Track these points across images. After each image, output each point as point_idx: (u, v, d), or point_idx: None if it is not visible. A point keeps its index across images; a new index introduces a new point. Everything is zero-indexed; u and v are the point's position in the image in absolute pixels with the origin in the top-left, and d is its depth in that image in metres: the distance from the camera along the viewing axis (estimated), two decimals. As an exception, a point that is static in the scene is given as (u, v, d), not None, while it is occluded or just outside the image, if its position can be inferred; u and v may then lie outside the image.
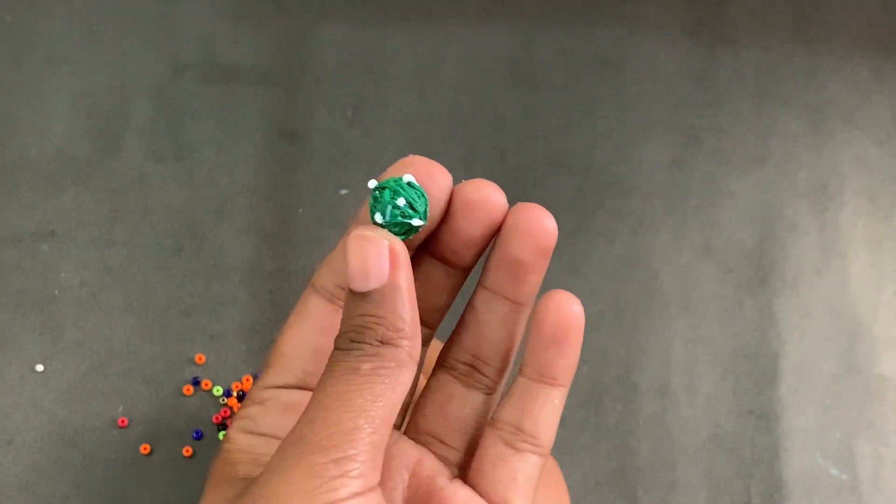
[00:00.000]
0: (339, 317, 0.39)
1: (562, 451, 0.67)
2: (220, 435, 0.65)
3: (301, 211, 0.71)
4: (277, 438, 0.39)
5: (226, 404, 0.66)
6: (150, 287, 0.69)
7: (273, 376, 0.40)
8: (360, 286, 0.35)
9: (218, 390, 0.66)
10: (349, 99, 0.74)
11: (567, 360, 0.41)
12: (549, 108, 0.74)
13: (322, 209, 0.71)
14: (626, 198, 0.73)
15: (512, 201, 0.40)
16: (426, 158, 0.39)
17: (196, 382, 0.67)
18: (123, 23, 0.74)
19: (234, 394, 0.66)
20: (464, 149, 0.73)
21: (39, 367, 0.67)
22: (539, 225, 0.39)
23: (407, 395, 0.37)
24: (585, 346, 0.41)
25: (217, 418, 0.66)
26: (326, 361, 0.38)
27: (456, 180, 0.40)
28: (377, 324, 0.35)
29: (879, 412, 0.69)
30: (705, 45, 0.76)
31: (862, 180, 0.74)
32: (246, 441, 0.39)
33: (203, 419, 0.66)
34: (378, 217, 0.37)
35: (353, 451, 0.34)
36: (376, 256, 0.35)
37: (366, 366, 0.35)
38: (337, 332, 0.37)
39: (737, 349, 0.70)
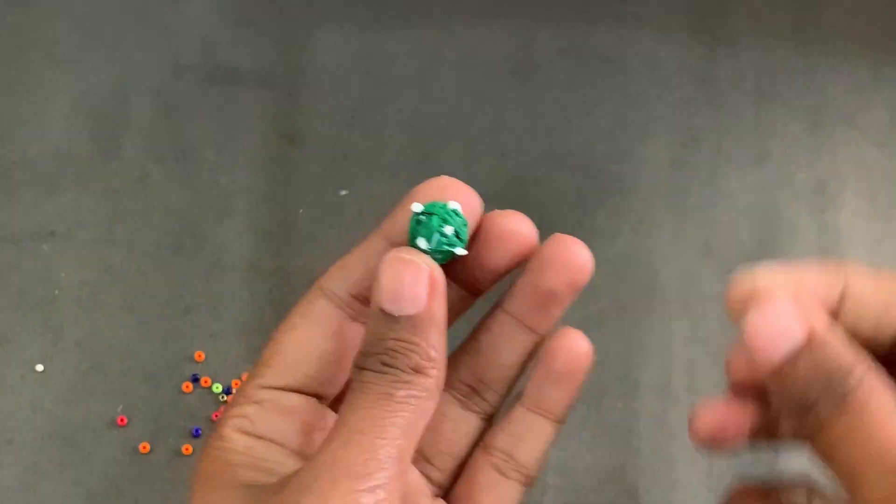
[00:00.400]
0: (348, 324, 0.39)
1: (563, 448, 0.67)
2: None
3: (301, 211, 0.71)
4: (276, 443, 0.39)
5: (225, 401, 0.66)
6: (149, 286, 0.69)
7: (272, 377, 0.40)
8: (392, 308, 0.35)
9: (217, 387, 0.66)
10: (349, 100, 0.74)
11: (570, 398, 0.41)
12: (549, 107, 0.74)
13: (322, 209, 0.71)
14: (626, 197, 0.73)
15: (513, 200, 0.40)
16: (461, 183, 0.39)
17: (196, 380, 0.67)
18: (123, 23, 0.74)
19: (234, 391, 0.66)
20: (464, 148, 0.73)
21: (39, 367, 0.67)
22: (576, 259, 0.39)
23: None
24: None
25: (217, 416, 0.66)
26: (331, 369, 0.38)
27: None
28: (412, 351, 0.35)
29: (879, 413, 0.69)
30: (705, 44, 0.76)
31: (861, 182, 0.74)
32: (243, 442, 0.38)
33: (202, 416, 0.66)
34: (422, 242, 0.36)
35: (385, 481, 0.34)
36: (415, 282, 0.35)
37: (400, 392, 0.35)
38: (345, 340, 0.37)
39: (736, 349, 0.70)
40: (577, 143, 0.74)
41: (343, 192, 0.72)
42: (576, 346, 0.40)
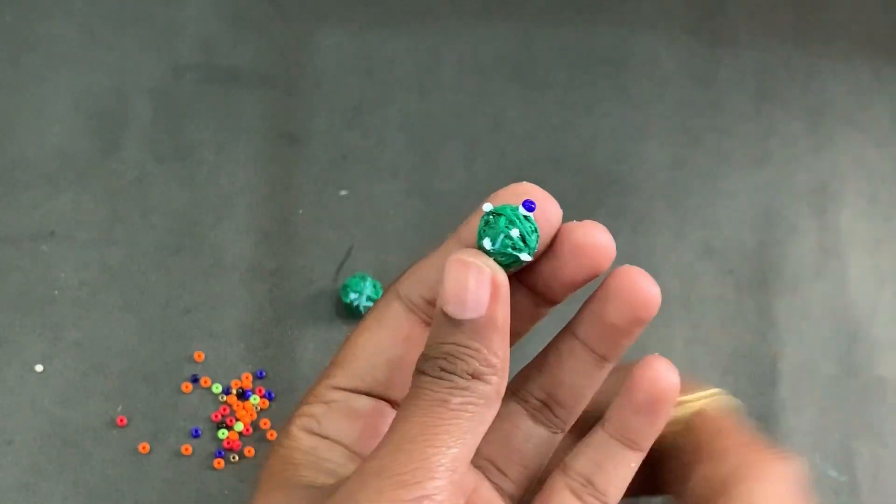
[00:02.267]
0: (420, 329, 0.38)
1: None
2: (220, 433, 0.65)
3: (301, 211, 0.71)
4: (341, 445, 0.38)
5: (225, 402, 0.66)
6: (149, 286, 0.69)
7: (342, 378, 0.39)
8: (454, 312, 0.34)
9: (217, 388, 0.66)
10: (349, 100, 0.74)
11: (654, 429, 0.40)
12: (549, 107, 0.74)
13: (322, 210, 0.71)
14: (626, 197, 0.73)
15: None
16: (541, 189, 0.38)
17: (195, 380, 0.67)
18: (123, 23, 0.74)
19: (234, 391, 0.66)
20: (464, 148, 0.73)
21: (39, 367, 0.67)
22: (642, 295, 0.38)
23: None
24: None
25: (216, 416, 0.66)
26: (401, 373, 0.38)
27: (457, 181, 0.39)
28: (470, 356, 0.34)
29: (878, 414, 0.69)
30: (706, 45, 0.76)
31: (861, 182, 0.74)
32: (308, 442, 0.38)
33: (202, 417, 0.66)
34: (486, 243, 0.35)
35: (434, 492, 0.33)
36: (477, 285, 0.34)
37: (455, 400, 0.34)
38: (417, 345, 0.37)
39: (736, 350, 0.70)
40: (578, 143, 0.74)
41: (343, 192, 0.72)
42: (661, 378, 0.39)
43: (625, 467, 0.40)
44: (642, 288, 0.38)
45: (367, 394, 0.39)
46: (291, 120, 0.73)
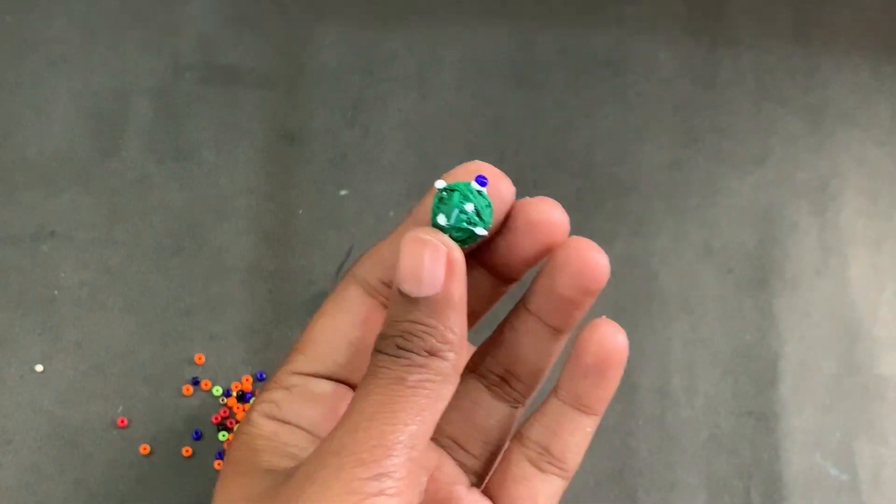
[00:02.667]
0: (379, 312, 0.39)
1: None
2: (221, 435, 0.65)
3: (301, 212, 0.71)
4: (302, 429, 0.38)
5: (225, 404, 0.66)
6: (149, 287, 0.69)
7: (302, 363, 0.39)
8: (411, 290, 0.34)
9: (217, 390, 0.66)
10: (349, 100, 0.74)
11: (605, 391, 0.40)
12: (549, 109, 0.74)
13: (322, 210, 0.71)
14: (625, 198, 0.73)
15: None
16: (493, 167, 0.38)
17: (196, 382, 0.67)
18: (123, 23, 0.74)
19: (234, 394, 0.66)
20: (464, 149, 0.73)
21: (39, 368, 0.67)
22: (589, 266, 0.38)
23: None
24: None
25: (216, 418, 0.66)
26: (361, 356, 0.38)
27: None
28: (427, 333, 0.34)
29: (879, 412, 0.69)
30: (705, 45, 0.76)
31: (862, 180, 0.74)
32: (269, 427, 0.38)
33: (202, 419, 0.66)
34: (441, 219, 0.36)
35: (393, 469, 0.33)
36: (432, 262, 0.34)
37: (412, 377, 0.34)
38: (375, 327, 0.37)
39: (736, 349, 0.70)
40: (577, 144, 0.74)
41: (343, 192, 0.72)
42: (607, 338, 0.39)
43: (580, 432, 0.40)
44: (590, 259, 0.38)
45: (328, 378, 0.39)
46: (291, 120, 0.73)
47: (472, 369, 0.41)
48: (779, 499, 0.67)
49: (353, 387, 0.40)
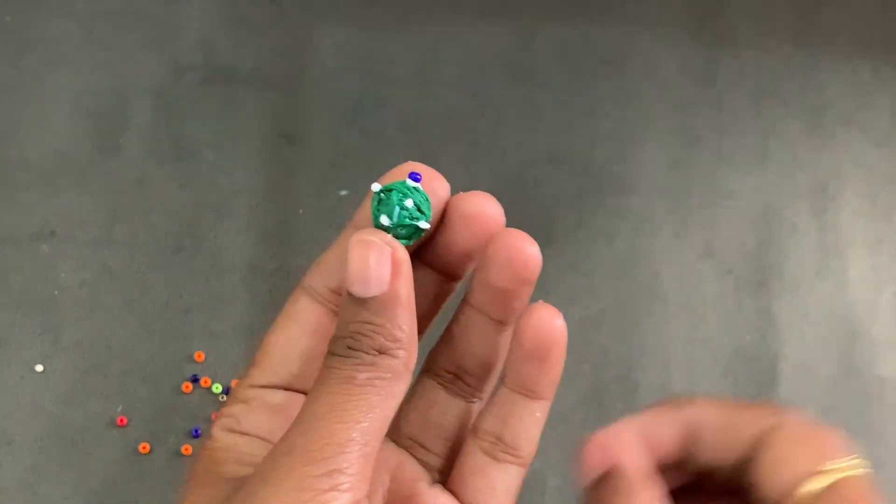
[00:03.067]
0: (329, 320, 0.39)
1: (562, 449, 0.67)
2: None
3: (301, 211, 0.71)
4: (261, 439, 0.39)
5: (225, 402, 0.66)
6: (149, 286, 0.69)
7: (258, 376, 0.40)
8: (359, 291, 0.35)
9: (217, 388, 0.66)
10: (349, 100, 0.74)
11: (549, 375, 0.40)
12: (549, 108, 0.74)
13: (322, 210, 0.71)
14: (626, 197, 0.73)
15: (513, 200, 0.40)
16: (425, 166, 0.38)
17: (195, 380, 0.67)
18: (123, 23, 0.74)
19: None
20: (464, 148, 0.73)
21: (39, 368, 0.67)
22: (520, 255, 0.38)
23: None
24: (586, 344, 0.41)
25: (216, 416, 0.66)
26: (314, 364, 0.38)
27: (457, 181, 0.39)
28: (375, 332, 0.35)
29: (878, 414, 0.69)
30: (706, 45, 0.76)
31: (861, 182, 0.74)
32: (229, 440, 0.38)
33: (202, 417, 0.66)
34: (384, 219, 0.36)
35: (345, 465, 0.33)
36: (378, 262, 0.34)
37: (362, 375, 0.34)
38: (326, 335, 0.37)
39: (736, 350, 0.70)
40: (578, 144, 0.74)
41: (343, 192, 0.72)
42: (544, 321, 0.39)
43: (529, 417, 0.40)
44: (520, 248, 0.38)
45: (283, 388, 0.39)
46: (291, 120, 0.73)
47: (427, 369, 0.42)
48: (779, 499, 0.67)
49: (308, 394, 0.40)
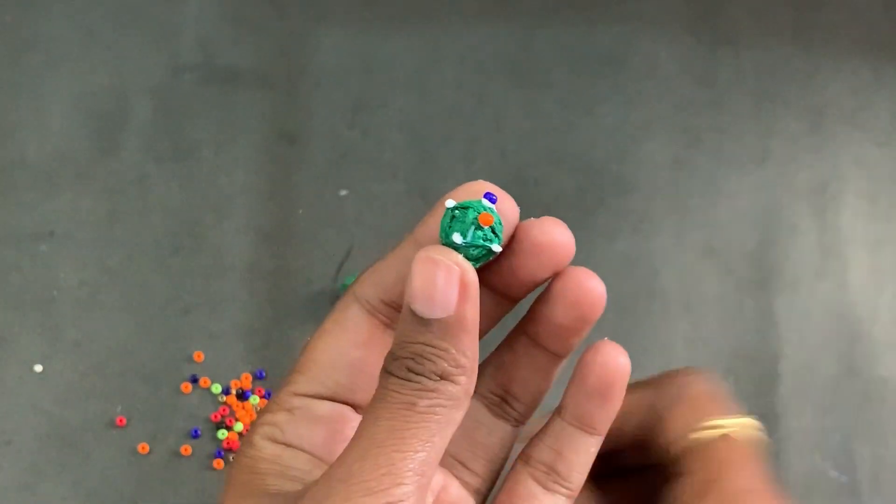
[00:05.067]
0: (380, 331, 0.38)
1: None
2: (220, 433, 0.65)
3: (301, 211, 0.71)
4: (305, 451, 0.38)
5: (224, 402, 0.66)
6: (148, 286, 0.69)
7: (303, 384, 0.39)
8: (423, 311, 0.33)
9: (217, 388, 0.66)
10: (349, 100, 0.74)
11: (608, 413, 0.39)
12: (549, 107, 0.74)
13: (322, 210, 0.71)
14: (627, 196, 0.72)
15: (514, 199, 0.39)
16: (497, 186, 0.38)
17: (195, 380, 0.66)
18: (123, 23, 0.74)
19: (234, 391, 0.66)
20: (464, 148, 0.73)
21: (38, 368, 0.67)
22: (588, 296, 0.38)
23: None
24: (586, 344, 0.40)
25: (215, 416, 0.66)
26: (362, 377, 0.37)
27: (457, 181, 0.39)
28: (439, 357, 0.34)
29: (879, 414, 0.69)
30: (706, 44, 0.76)
31: (862, 182, 0.74)
32: (272, 450, 0.38)
33: (201, 417, 0.66)
34: (457, 237, 0.35)
35: (402, 497, 0.32)
36: (446, 283, 0.33)
37: (423, 402, 0.33)
38: (377, 347, 0.37)
39: (737, 350, 0.70)
40: (578, 143, 0.74)
41: (343, 192, 0.72)
42: (610, 360, 0.38)
43: (584, 453, 0.39)
44: (588, 289, 0.37)
45: (330, 399, 0.39)
46: (291, 120, 0.73)
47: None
48: (779, 499, 0.67)
49: (355, 407, 0.40)
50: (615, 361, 0.38)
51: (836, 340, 0.71)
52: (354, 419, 0.39)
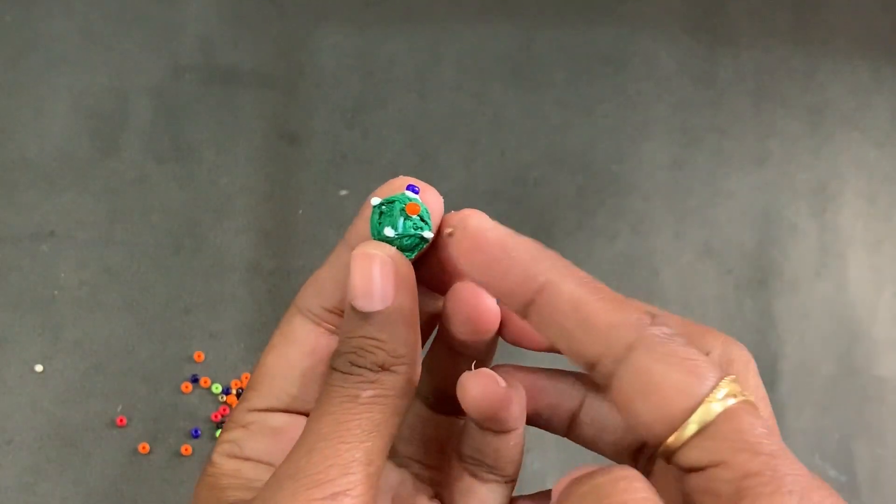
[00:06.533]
0: (326, 339, 0.39)
1: (562, 449, 0.67)
2: (219, 433, 0.65)
3: (301, 211, 0.71)
4: (264, 463, 0.39)
5: (225, 402, 0.66)
6: (149, 286, 0.69)
7: (257, 399, 0.39)
8: (363, 305, 0.34)
9: (217, 388, 0.66)
10: (349, 100, 0.74)
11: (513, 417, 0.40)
12: (549, 107, 0.74)
13: (322, 210, 0.71)
14: (626, 197, 0.73)
15: (513, 200, 0.39)
16: (418, 179, 0.38)
17: (195, 380, 0.67)
18: (123, 23, 0.74)
19: (234, 391, 0.66)
20: (464, 148, 0.73)
21: (38, 367, 0.67)
22: (477, 312, 0.38)
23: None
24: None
25: (216, 416, 0.66)
26: (313, 385, 0.38)
27: (457, 181, 0.39)
28: (378, 348, 0.35)
29: (878, 414, 0.69)
30: (705, 45, 0.76)
31: (861, 182, 0.74)
32: (231, 465, 0.38)
33: (201, 417, 0.66)
34: (388, 231, 0.36)
35: (349, 486, 0.33)
36: (382, 276, 0.34)
37: (365, 393, 0.34)
38: (324, 355, 0.37)
39: (736, 350, 0.70)
40: (577, 143, 0.74)
41: (343, 192, 0.72)
42: (488, 394, 0.38)
43: (504, 447, 0.40)
44: (476, 305, 0.38)
45: (284, 410, 0.39)
46: (291, 120, 0.73)
47: None
48: (779, 499, 0.67)
49: (308, 415, 0.40)
50: (493, 392, 0.38)
51: (835, 340, 0.71)
52: None
